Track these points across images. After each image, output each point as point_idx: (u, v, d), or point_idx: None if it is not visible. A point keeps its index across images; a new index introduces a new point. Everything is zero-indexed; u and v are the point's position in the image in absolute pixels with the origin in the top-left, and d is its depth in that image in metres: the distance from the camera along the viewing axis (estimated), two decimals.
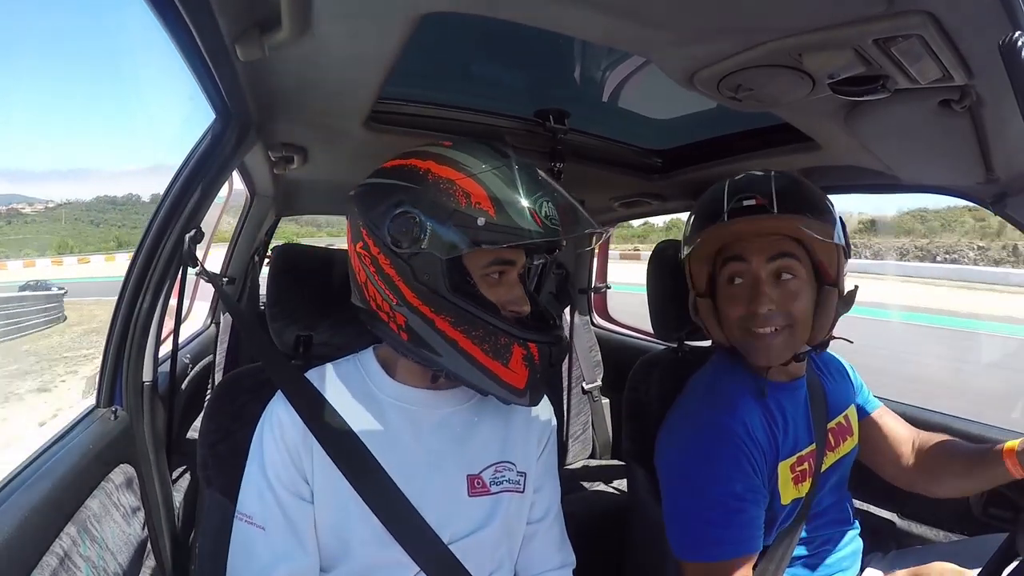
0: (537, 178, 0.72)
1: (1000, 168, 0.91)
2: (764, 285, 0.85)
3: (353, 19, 0.72)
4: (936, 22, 0.57)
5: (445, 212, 0.67)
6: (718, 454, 0.85)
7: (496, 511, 0.77)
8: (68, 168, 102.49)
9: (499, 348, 0.69)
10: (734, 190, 0.87)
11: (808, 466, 0.91)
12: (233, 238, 2.09)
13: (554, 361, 0.73)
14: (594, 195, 1.71)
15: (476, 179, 0.68)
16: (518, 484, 0.80)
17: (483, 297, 0.70)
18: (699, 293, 0.94)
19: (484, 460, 0.78)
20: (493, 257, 0.71)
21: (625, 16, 0.67)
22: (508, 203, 0.67)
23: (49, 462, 0.72)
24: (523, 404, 0.73)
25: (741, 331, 0.88)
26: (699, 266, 0.93)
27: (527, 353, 0.70)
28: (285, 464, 0.73)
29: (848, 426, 1.00)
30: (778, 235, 0.85)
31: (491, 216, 0.66)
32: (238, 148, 1.01)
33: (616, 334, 2.36)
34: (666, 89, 0.88)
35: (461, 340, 0.69)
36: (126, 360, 0.92)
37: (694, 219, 0.93)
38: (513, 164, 0.71)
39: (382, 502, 0.72)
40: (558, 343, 0.73)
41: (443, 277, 0.69)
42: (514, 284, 0.74)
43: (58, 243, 53.43)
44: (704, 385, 0.96)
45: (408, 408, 0.77)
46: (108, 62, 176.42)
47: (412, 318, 0.71)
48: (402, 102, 1.16)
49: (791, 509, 0.89)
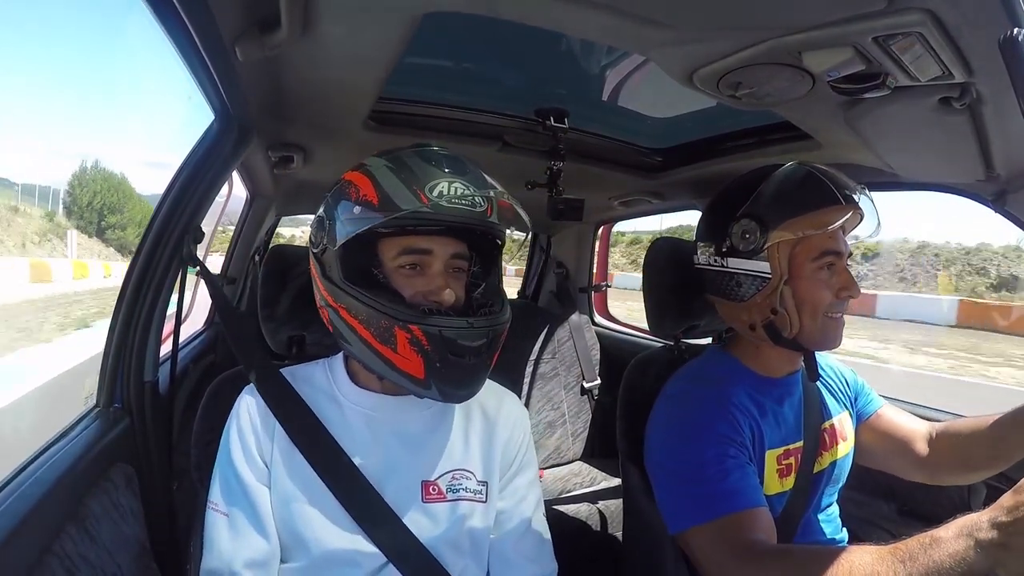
0: (448, 164, 0.72)
1: (1000, 165, 0.91)
2: (848, 271, 0.87)
3: (353, 19, 0.72)
4: (936, 19, 0.57)
5: (337, 208, 0.72)
6: (709, 419, 0.85)
7: (452, 518, 0.76)
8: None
9: (383, 332, 0.68)
10: (835, 180, 0.86)
11: (794, 461, 0.90)
12: (233, 238, 2.09)
13: (455, 350, 0.68)
14: (594, 194, 1.71)
15: (368, 173, 0.71)
16: (479, 493, 0.79)
17: (384, 286, 0.72)
18: (784, 280, 0.87)
19: (441, 467, 0.77)
20: (402, 247, 0.72)
21: (625, 15, 0.67)
22: (390, 187, 0.69)
23: (50, 461, 0.72)
24: (434, 397, 0.71)
25: (823, 318, 0.87)
26: (784, 250, 0.86)
27: (411, 336, 0.67)
28: (247, 449, 0.74)
29: (841, 430, 0.99)
30: (844, 226, 0.87)
31: (373, 204, 0.68)
32: (238, 148, 1.01)
33: (617, 333, 2.36)
34: (665, 88, 0.88)
35: (357, 327, 0.70)
36: (127, 360, 0.93)
37: (789, 199, 0.87)
38: (424, 155, 0.73)
39: (349, 491, 0.72)
40: (464, 329, 0.68)
41: (338, 267, 0.71)
42: (435, 275, 0.73)
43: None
44: (694, 370, 0.97)
45: (367, 413, 0.77)
46: (107, 61, 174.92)
47: (329, 311, 0.74)
48: (402, 102, 1.16)
49: (774, 505, 0.87)
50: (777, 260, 0.86)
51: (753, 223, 0.86)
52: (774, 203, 0.87)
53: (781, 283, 0.86)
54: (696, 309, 1.06)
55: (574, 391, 1.99)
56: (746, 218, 0.87)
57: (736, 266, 0.89)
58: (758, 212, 0.87)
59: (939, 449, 0.98)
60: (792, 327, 0.87)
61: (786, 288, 0.86)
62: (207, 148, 0.96)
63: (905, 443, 1.01)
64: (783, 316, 0.87)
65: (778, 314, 0.87)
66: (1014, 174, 0.95)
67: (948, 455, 0.97)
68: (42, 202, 27.51)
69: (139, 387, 0.94)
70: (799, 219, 0.84)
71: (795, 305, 0.86)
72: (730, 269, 0.89)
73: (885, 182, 1.17)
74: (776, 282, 0.86)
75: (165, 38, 0.71)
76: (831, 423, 0.98)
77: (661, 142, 1.46)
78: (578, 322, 2.06)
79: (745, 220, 0.87)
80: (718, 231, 0.91)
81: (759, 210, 0.87)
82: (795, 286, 0.86)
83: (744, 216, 0.87)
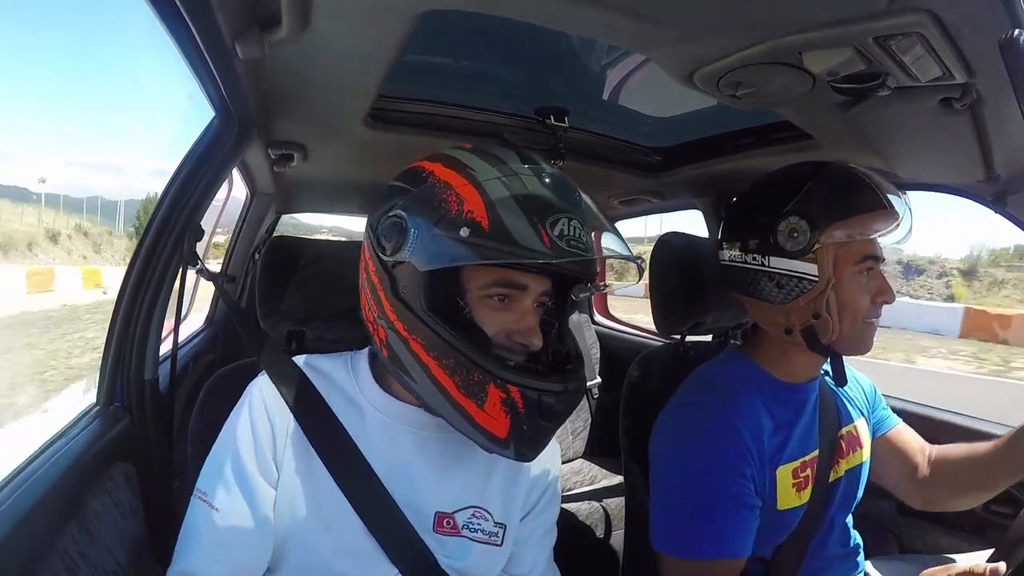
0: (564, 191, 0.62)
1: (1000, 166, 0.91)
2: (883, 276, 0.85)
3: (353, 17, 0.72)
4: (936, 20, 0.57)
5: (432, 219, 0.59)
6: (714, 449, 0.82)
7: (461, 553, 0.69)
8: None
9: (472, 385, 0.59)
10: (878, 183, 0.83)
11: (810, 473, 0.87)
12: (233, 236, 2.09)
13: (546, 415, 0.60)
14: (594, 193, 1.69)
15: (477, 184, 0.59)
16: (495, 536, 0.72)
17: (470, 322, 0.62)
18: (831, 284, 0.83)
19: (460, 500, 0.70)
20: (496, 277, 0.62)
21: (625, 14, 0.67)
22: (508, 215, 0.57)
23: (50, 460, 0.72)
24: (506, 456, 0.62)
25: (861, 323, 0.84)
26: (831, 254, 0.82)
27: (506, 397, 0.59)
28: (257, 444, 0.67)
29: (858, 437, 0.97)
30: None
31: (482, 228, 0.57)
32: (238, 146, 1.01)
33: (617, 332, 2.36)
34: (666, 87, 0.88)
35: (433, 368, 0.61)
36: (127, 358, 0.92)
37: (841, 200, 0.83)
38: (536, 172, 0.62)
39: (366, 500, 0.66)
40: (560, 394, 0.60)
41: (422, 292, 0.60)
42: (526, 313, 0.64)
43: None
44: (707, 377, 0.94)
45: (387, 421, 0.70)
46: (106, 61, 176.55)
47: (390, 334, 0.64)
48: (402, 100, 1.16)
49: (790, 519, 0.85)
50: (826, 263, 0.81)
51: (804, 222, 0.81)
52: (827, 203, 0.82)
53: (828, 287, 0.82)
54: (703, 306, 1.05)
55: None
56: (795, 215, 0.82)
57: (780, 266, 0.84)
58: (809, 211, 0.81)
59: (935, 473, 0.99)
60: (832, 332, 0.83)
61: (831, 292, 0.82)
62: (207, 145, 0.96)
63: (913, 464, 1.00)
64: (825, 320, 0.83)
65: (820, 318, 0.83)
66: (1014, 175, 0.95)
67: (943, 480, 0.98)
68: (106, 217, 31.40)
69: (139, 386, 0.94)
70: (850, 221, 0.81)
71: (837, 310, 0.83)
72: (771, 269, 0.84)
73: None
74: (823, 286, 0.82)
75: (167, 37, 0.71)
76: (849, 429, 0.95)
77: (661, 141, 1.46)
78: (577, 321, 2.06)
79: (794, 218, 0.82)
80: (757, 228, 0.85)
81: (810, 209, 0.82)
82: (838, 291, 0.82)
83: (793, 213, 0.82)
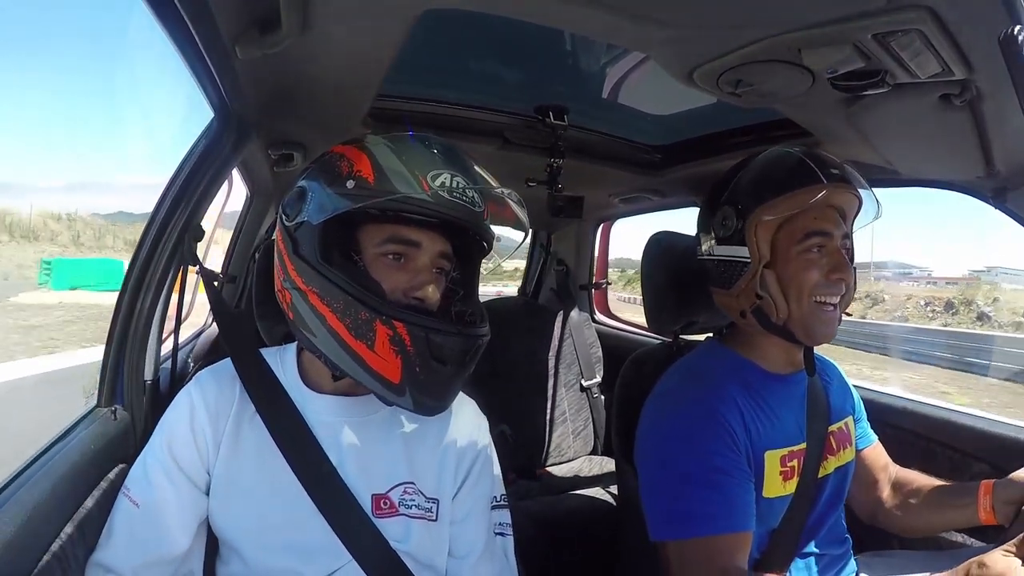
0: (451, 156, 0.67)
1: (1000, 162, 0.91)
2: (840, 253, 0.86)
3: (352, 16, 0.72)
4: (936, 17, 0.57)
5: (326, 181, 0.66)
6: (697, 429, 0.83)
7: (405, 534, 0.70)
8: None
9: (360, 325, 0.62)
10: (816, 159, 0.85)
11: (796, 464, 0.88)
12: (233, 237, 2.09)
13: (437, 354, 0.62)
14: (594, 191, 1.71)
15: (365, 149, 0.66)
16: (429, 511, 0.73)
17: (366, 276, 0.65)
18: (766, 264, 0.87)
19: (391, 477, 0.72)
20: (388, 234, 0.67)
21: (625, 12, 0.67)
22: (390, 169, 0.63)
23: (50, 462, 0.72)
24: (404, 406, 0.65)
25: (810, 302, 0.84)
26: (765, 234, 0.86)
27: (393, 335, 0.61)
28: (183, 441, 0.69)
29: (848, 434, 0.98)
30: (840, 208, 0.86)
31: (368, 182, 0.63)
32: (237, 146, 1.01)
33: (617, 330, 2.36)
34: (665, 85, 0.88)
35: (328, 316, 0.64)
36: (127, 359, 0.92)
37: (764, 183, 0.87)
38: (423, 139, 0.68)
39: (321, 486, 0.67)
40: (451, 334, 0.63)
41: (317, 244, 0.65)
42: (420, 270, 0.68)
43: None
44: (686, 366, 0.96)
45: (313, 417, 0.72)
46: (104, 60, 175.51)
47: (293, 293, 0.67)
48: (402, 99, 1.16)
49: (776, 508, 0.86)
50: (755, 244, 0.86)
51: (730, 209, 0.88)
52: (750, 187, 0.89)
53: (760, 267, 0.86)
54: (695, 304, 1.06)
55: (574, 388, 2.00)
56: (726, 205, 0.89)
57: (721, 253, 0.91)
58: (735, 198, 0.89)
59: (894, 495, 1.01)
60: (779, 312, 0.86)
61: (768, 272, 0.86)
62: (207, 146, 0.96)
63: (880, 484, 1.03)
64: (768, 301, 0.86)
65: (763, 299, 0.87)
66: (1014, 170, 0.95)
67: (898, 503, 1.00)
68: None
69: (140, 386, 0.94)
70: (776, 200, 0.84)
71: (780, 289, 0.85)
72: (716, 256, 0.92)
73: (885, 179, 1.17)
74: (756, 266, 0.86)
75: (166, 37, 0.71)
76: (839, 426, 0.96)
77: (661, 139, 1.46)
78: (578, 320, 2.06)
79: (725, 207, 0.89)
80: (705, 223, 0.94)
81: (736, 196, 0.89)
82: (779, 270, 0.85)
83: (724, 204, 0.90)
